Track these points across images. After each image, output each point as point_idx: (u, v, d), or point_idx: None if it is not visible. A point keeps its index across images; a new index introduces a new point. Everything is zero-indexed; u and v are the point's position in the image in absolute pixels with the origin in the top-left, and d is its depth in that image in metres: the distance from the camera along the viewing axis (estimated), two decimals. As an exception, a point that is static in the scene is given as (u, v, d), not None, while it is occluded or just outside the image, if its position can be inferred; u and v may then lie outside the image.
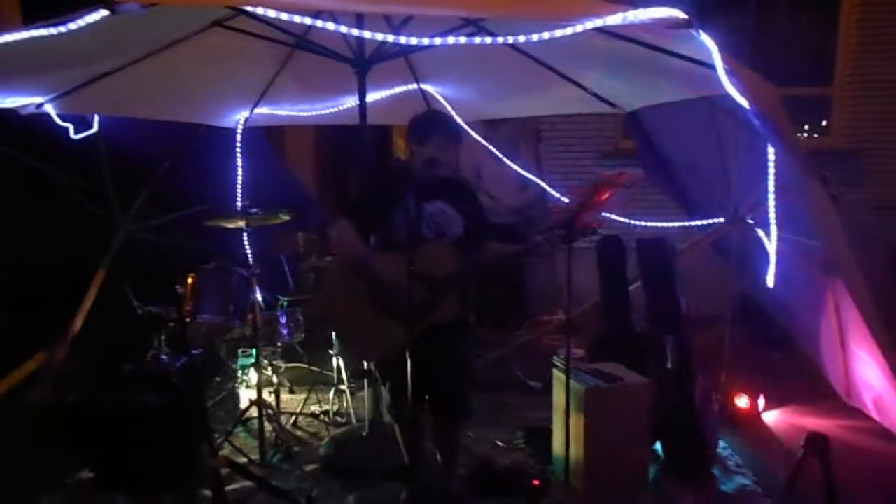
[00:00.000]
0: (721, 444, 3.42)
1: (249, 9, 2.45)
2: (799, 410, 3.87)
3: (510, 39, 2.48)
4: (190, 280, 3.34)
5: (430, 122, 2.76)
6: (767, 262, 3.46)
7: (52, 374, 4.07)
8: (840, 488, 2.53)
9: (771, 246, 3.14)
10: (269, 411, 3.44)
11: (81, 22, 1.81)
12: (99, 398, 3.00)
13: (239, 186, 4.61)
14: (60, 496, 3.05)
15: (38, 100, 3.47)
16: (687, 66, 2.73)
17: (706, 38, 2.00)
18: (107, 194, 4.38)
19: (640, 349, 3.39)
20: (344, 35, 3.14)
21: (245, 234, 4.22)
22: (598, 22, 1.91)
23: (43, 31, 1.88)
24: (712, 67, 2.28)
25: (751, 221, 3.65)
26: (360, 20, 2.99)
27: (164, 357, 3.27)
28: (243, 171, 4.54)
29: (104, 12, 1.74)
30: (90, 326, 3.83)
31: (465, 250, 2.56)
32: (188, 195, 4.52)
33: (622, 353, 3.29)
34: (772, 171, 2.84)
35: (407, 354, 2.31)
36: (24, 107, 3.45)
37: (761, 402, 3.85)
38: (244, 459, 3.26)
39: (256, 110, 4.49)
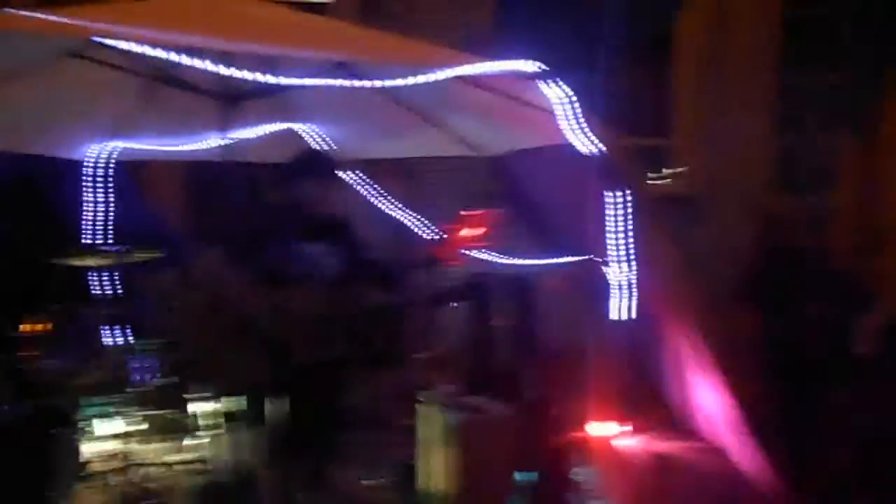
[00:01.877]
0: (577, 470, 3.60)
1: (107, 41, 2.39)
2: (653, 436, 4.15)
3: (379, 84, 2.58)
4: (38, 323, 3.10)
5: (303, 161, 2.79)
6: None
7: None
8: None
9: (613, 283, 3.42)
10: (118, 464, 3.21)
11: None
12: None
13: (92, 222, 4.35)
14: None
15: None
16: (541, 113, 2.96)
17: (551, 89, 2.19)
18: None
19: (506, 382, 3.53)
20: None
21: (100, 273, 4.01)
22: (456, 70, 2.05)
23: None
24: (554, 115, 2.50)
25: (599, 259, 3.93)
26: (227, 57, 2.98)
27: (3, 406, 2.98)
28: (103, 206, 4.30)
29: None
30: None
31: (340, 292, 2.59)
32: (34, 232, 4.20)
33: (490, 387, 3.41)
34: (610, 212, 3.11)
35: (267, 393, 2.28)
36: None
37: (615, 428, 4.10)
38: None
39: (116, 143, 4.29)
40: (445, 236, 2.48)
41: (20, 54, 3.02)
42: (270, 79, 2.59)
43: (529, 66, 2.18)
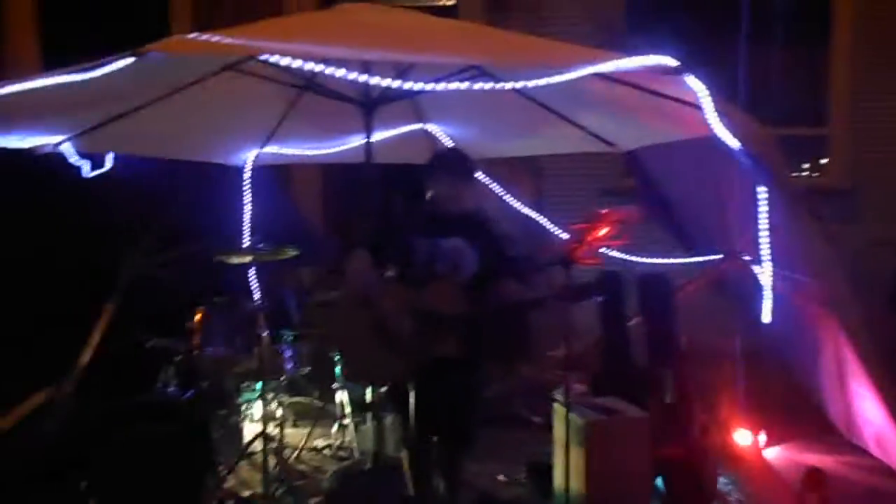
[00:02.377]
0: (722, 479, 3.43)
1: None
2: (801, 447, 3.88)
3: (512, 85, 2.58)
4: (198, 314, 3.41)
5: (439, 160, 2.87)
6: (762, 297, 3.52)
7: (60, 408, 4.13)
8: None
9: (765, 283, 3.21)
10: (273, 445, 3.47)
11: (109, 69, 1.92)
12: (109, 429, 3.05)
13: (246, 224, 4.73)
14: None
15: (57, 139, 3.60)
16: (680, 107, 2.85)
17: (694, 82, 2.11)
18: (116, 231, 4.49)
19: (640, 384, 3.43)
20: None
21: (251, 270, 4.34)
22: (592, 69, 2.02)
23: (73, 77, 1.99)
24: (700, 108, 2.39)
25: (747, 258, 3.72)
26: (366, 65, 3.13)
27: (171, 389, 3.32)
28: (256, 208, 4.66)
29: (130, 60, 1.85)
30: (97, 360, 3.88)
31: (478, 290, 2.63)
32: (196, 232, 4.62)
33: (623, 389, 3.33)
34: (763, 208, 2.92)
35: (410, 387, 2.37)
36: (42, 146, 3.59)
37: (763, 438, 3.87)
38: (248, 493, 3.28)
39: (265, 149, 4.62)
40: (580, 234, 2.44)
41: (185, 70, 3.34)
42: (410, 85, 2.68)
43: (666, 60, 2.10)
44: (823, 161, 6.15)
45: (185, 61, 3.09)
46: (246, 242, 4.74)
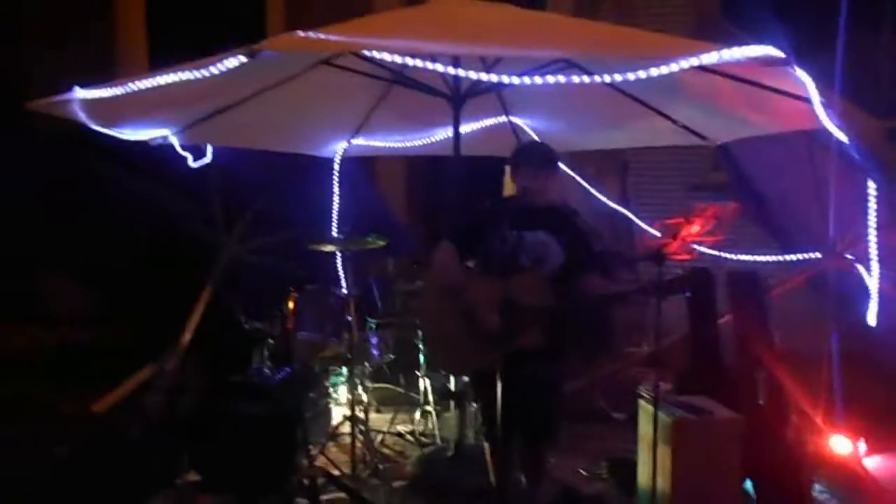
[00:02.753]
0: (817, 486, 3.30)
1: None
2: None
3: (606, 78, 2.56)
4: (291, 300, 3.56)
5: (522, 152, 2.88)
6: (868, 299, 3.35)
7: (164, 384, 4.42)
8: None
9: (872, 283, 3.05)
10: (361, 427, 3.59)
11: (222, 66, 2.04)
12: (208, 406, 3.24)
13: (335, 213, 4.89)
14: (170, 496, 3.29)
15: (166, 132, 3.84)
16: (781, 99, 2.74)
17: (802, 74, 2.03)
18: (215, 218, 4.74)
19: (730, 384, 3.34)
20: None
21: (339, 258, 4.48)
22: (694, 61, 1.98)
23: (189, 75, 2.12)
24: (808, 101, 2.29)
25: (850, 257, 3.55)
26: (455, 58, 3.16)
27: (266, 370, 3.49)
28: (345, 198, 4.82)
29: (243, 59, 1.96)
30: (199, 340, 4.12)
31: (563, 284, 2.63)
32: (289, 222, 4.82)
33: (711, 387, 3.25)
34: (873, 205, 2.78)
35: (497, 377, 2.39)
36: (152, 139, 3.83)
37: (862, 445, 3.68)
38: (336, 472, 3.42)
39: (353, 141, 4.76)
40: (675, 229, 2.40)
41: (281, 66, 3.48)
42: (506, 79, 2.69)
43: (772, 51, 2.02)
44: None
45: (281, 58, 3.23)
46: (335, 232, 4.92)
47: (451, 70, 2.94)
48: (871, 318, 3.16)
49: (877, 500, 3.25)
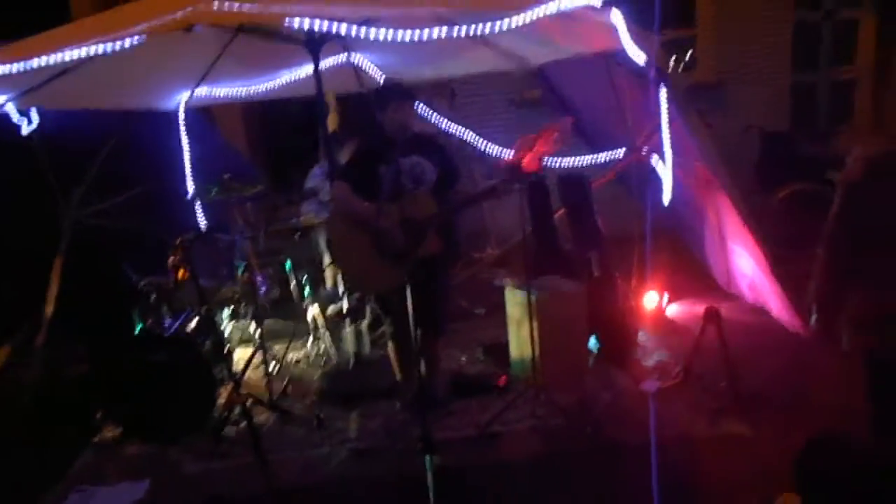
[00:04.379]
0: (640, 333, 4.25)
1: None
2: (693, 302, 4.76)
3: (472, 30, 2.95)
4: (178, 251, 3.70)
5: (386, 90, 3.27)
6: (661, 184, 4.25)
7: (37, 357, 4.32)
8: (731, 349, 3.39)
9: (666, 169, 3.89)
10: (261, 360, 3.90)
11: (130, 42, 2.16)
12: (120, 362, 3.38)
13: (188, 165, 4.92)
14: (91, 455, 3.43)
15: (1, 98, 3.64)
16: (589, 26, 3.36)
17: (616, 15, 2.63)
18: (49, 185, 4.55)
19: (570, 265, 4.11)
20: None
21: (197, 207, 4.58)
22: (540, 11, 2.49)
23: (96, 48, 2.19)
24: (612, 29, 2.91)
25: (646, 150, 4.41)
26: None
27: (166, 321, 3.65)
28: (189, 149, 4.84)
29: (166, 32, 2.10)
30: (77, 309, 4.10)
31: (440, 194, 3.13)
32: (137, 178, 4.76)
33: (556, 271, 4.00)
34: (664, 107, 3.55)
35: (407, 285, 2.86)
36: (-11, 107, 3.63)
37: (666, 298, 4.72)
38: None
39: (196, 91, 4.76)
40: (529, 144, 2.97)
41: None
42: (370, 33, 2.97)
43: (595, 1, 2.58)
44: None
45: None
46: (189, 183, 4.96)
47: (337, 28, 3.12)
48: (666, 198, 4.02)
49: (678, 336, 4.25)
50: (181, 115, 4.85)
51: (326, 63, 4.79)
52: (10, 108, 3.79)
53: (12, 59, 2.54)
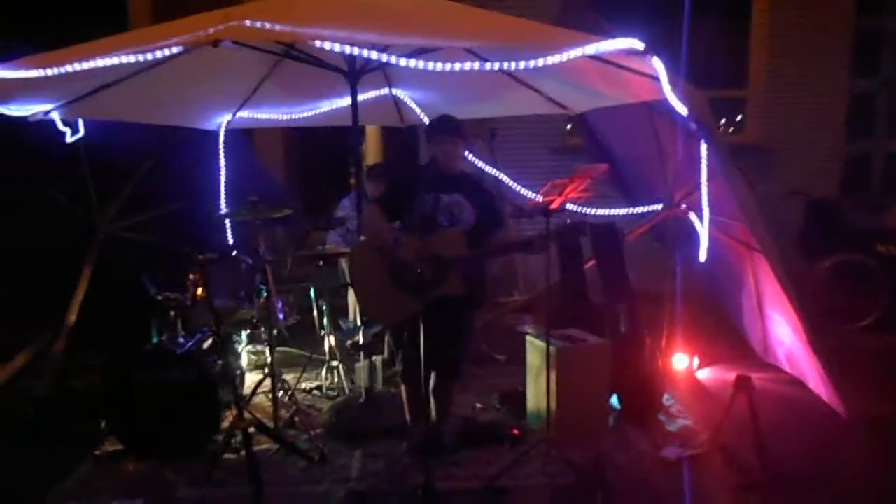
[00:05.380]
0: (666, 396, 4.04)
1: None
2: (727, 367, 4.54)
3: (504, 66, 2.92)
4: (200, 269, 3.67)
5: (436, 125, 3.24)
6: (699, 242, 4.11)
7: (52, 366, 4.33)
8: (762, 422, 3.19)
9: (703, 227, 3.76)
10: (280, 384, 3.81)
11: (163, 53, 2.17)
12: (121, 377, 3.33)
13: (223, 185, 4.95)
14: (90, 466, 3.36)
15: (47, 107, 3.73)
16: (631, 76, 3.29)
17: (657, 63, 2.55)
18: (88, 197, 4.63)
19: (597, 318, 3.96)
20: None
21: (227, 229, 4.58)
22: (579, 52, 2.43)
23: (132, 58, 2.22)
24: (655, 78, 2.83)
25: (684, 207, 4.28)
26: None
27: (180, 338, 3.60)
28: (226, 170, 4.88)
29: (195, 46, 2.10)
30: (95, 318, 4.10)
31: (476, 237, 3.05)
32: (171, 195, 4.82)
33: (581, 323, 3.85)
34: (704, 163, 3.44)
35: (420, 322, 2.77)
36: (34, 114, 3.71)
37: (696, 361, 4.51)
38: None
39: (238, 114, 4.83)
40: (560, 188, 2.88)
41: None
42: (403, 62, 2.96)
43: (632, 43, 2.51)
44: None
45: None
46: (223, 203, 4.98)
47: (364, 54, 3.13)
48: (702, 256, 3.88)
49: (706, 402, 4.04)
50: (221, 136, 4.90)
51: (367, 95, 4.83)
52: (55, 117, 3.87)
53: (45, 65, 2.57)
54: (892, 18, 6.78)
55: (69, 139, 4.18)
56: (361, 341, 3.85)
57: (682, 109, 2.82)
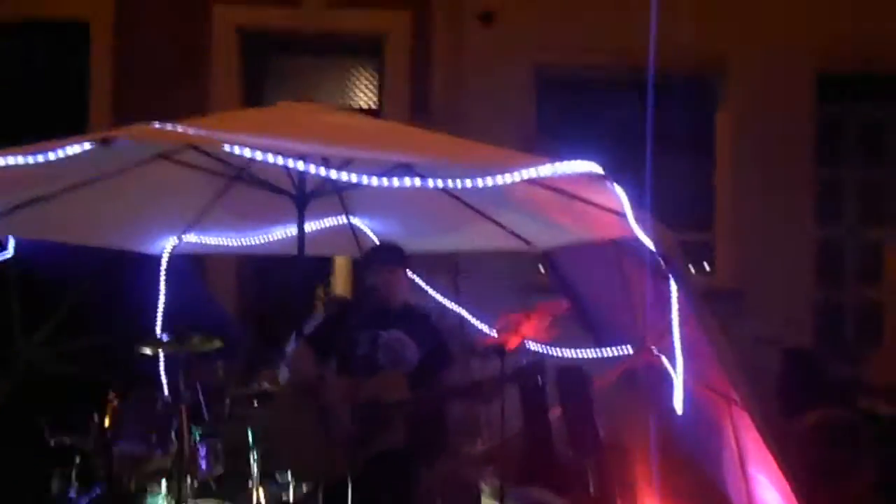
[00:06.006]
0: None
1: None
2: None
3: (449, 184, 2.74)
4: (109, 408, 3.23)
5: (375, 252, 2.98)
6: (672, 389, 3.75)
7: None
8: None
9: (677, 374, 3.43)
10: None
11: (63, 153, 1.91)
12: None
13: (160, 313, 4.57)
14: None
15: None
16: (596, 211, 3.11)
17: (619, 190, 2.35)
18: (13, 319, 4.24)
19: (563, 474, 3.52)
20: (286, 170, 3.34)
21: (162, 362, 4.17)
22: (532, 172, 2.22)
23: (25, 160, 1.95)
24: (621, 214, 2.64)
25: (656, 351, 3.97)
26: (305, 157, 3.22)
27: (71, 493, 3.06)
28: (172, 297, 4.53)
29: (87, 146, 1.85)
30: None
31: (420, 380, 2.68)
32: (109, 322, 4.43)
33: (545, 479, 3.40)
34: (675, 305, 3.18)
35: (349, 482, 2.34)
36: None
37: (675, 525, 3.99)
38: None
39: (184, 238, 4.56)
40: (515, 325, 2.58)
41: (113, 157, 3.31)
42: (344, 176, 2.77)
43: (590, 167, 2.33)
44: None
45: (115, 150, 3.08)
46: (159, 332, 4.57)
47: (300, 166, 2.97)
48: (678, 406, 3.52)
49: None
50: (164, 261, 4.59)
51: (324, 223, 4.62)
52: (-22, 234, 3.56)
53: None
54: (853, 169, 6.94)
55: (-3, 259, 3.84)
56: (291, 500, 3.33)
57: (649, 244, 2.59)
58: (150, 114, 3.16)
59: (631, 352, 4.20)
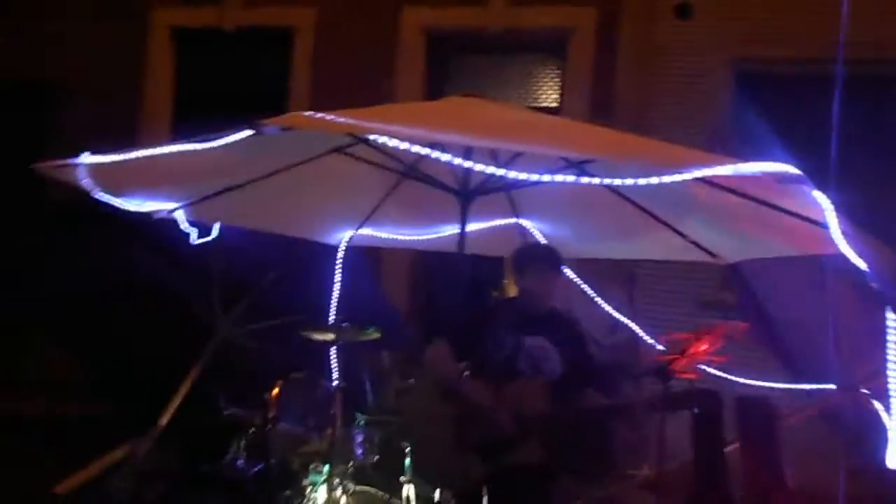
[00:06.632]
0: None
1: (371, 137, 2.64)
2: None
3: (615, 182, 2.52)
4: (276, 388, 3.40)
5: (529, 254, 2.82)
6: (885, 438, 3.15)
7: (133, 468, 4.17)
8: None
9: (892, 422, 2.87)
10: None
11: (227, 140, 2.02)
12: (177, 495, 3.03)
13: (334, 302, 4.78)
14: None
15: (172, 206, 3.81)
16: (795, 222, 2.69)
17: (819, 196, 1.97)
18: (212, 298, 4.65)
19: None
20: (452, 167, 3.30)
21: (332, 349, 4.33)
22: (708, 171, 1.93)
23: (193, 146, 2.10)
24: (824, 226, 2.22)
25: (867, 392, 3.37)
26: (468, 153, 3.15)
27: (239, 462, 3.27)
28: (345, 287, 4.72)
29: (248, 133, 1.94)
30: (175, 424, 3.92)
31: (561, 394, 2.50)
32: (288, 306, 4.72)
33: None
34: (892, 339, 2.65)
35: (484, 492, 2.21)
36: (157, 212, 3.80)
37: None
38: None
39: (360, 231, 4.72)
40: (682, 345, 2.28)
41: (296, 149, 3.51)
42: (513, 174, 2.65)
43: (786, 168, 1.97)
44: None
45: (296, 141, 3.25)
46: (331, 320, 4.78)
47: (458, 161, 2.91)
48: (890, 461, 2.95)
49: None
50: (340, 252, 4.79)
51: (493, 223, 4.52)
52: (180, 216, 3.96)
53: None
54: None
55: (195, 241, 4.25)
56: (437, 499, 3.27)
57: (861, 264, 2.15)
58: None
59: (833, 388, 3.62)
